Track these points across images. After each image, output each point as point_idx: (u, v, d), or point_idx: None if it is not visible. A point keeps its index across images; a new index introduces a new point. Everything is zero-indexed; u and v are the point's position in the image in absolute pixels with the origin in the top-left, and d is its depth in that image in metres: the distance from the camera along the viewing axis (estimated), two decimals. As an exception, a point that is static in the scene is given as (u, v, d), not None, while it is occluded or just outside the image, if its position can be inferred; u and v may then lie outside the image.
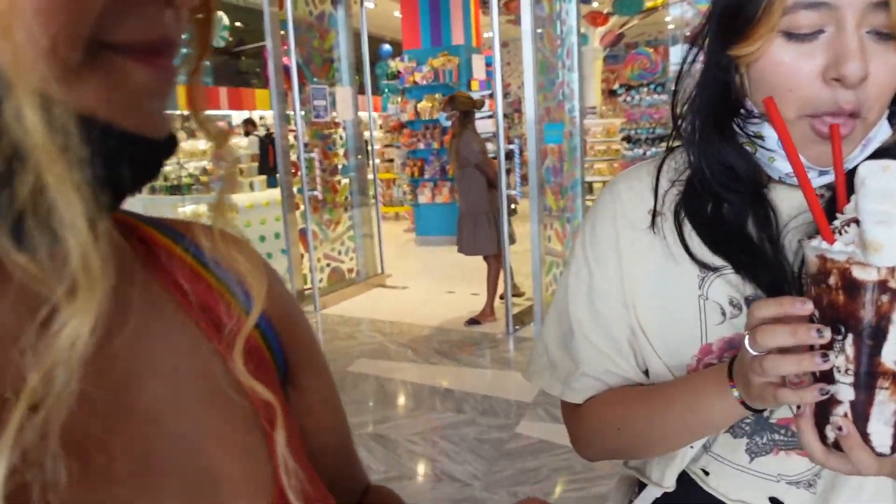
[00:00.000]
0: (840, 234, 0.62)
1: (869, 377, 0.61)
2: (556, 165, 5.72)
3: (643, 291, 0.87)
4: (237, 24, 13.55)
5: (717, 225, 0.82)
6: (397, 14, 10.39)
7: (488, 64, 8.44)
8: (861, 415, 0.62)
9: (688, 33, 7.68)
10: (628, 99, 8.69)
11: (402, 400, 4.40)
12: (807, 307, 0.63)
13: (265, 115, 12.79)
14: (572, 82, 6.04)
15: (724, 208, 0.82)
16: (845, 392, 0.62)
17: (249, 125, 11.60)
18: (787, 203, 0.81)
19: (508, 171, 5.48)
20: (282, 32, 6.19)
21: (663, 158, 0.90)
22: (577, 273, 0.92)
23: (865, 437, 0.62)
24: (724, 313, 0.82)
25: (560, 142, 5.73)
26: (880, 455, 0.62)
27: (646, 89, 8.53)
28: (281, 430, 0.45)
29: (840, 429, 0.62)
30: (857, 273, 0.60)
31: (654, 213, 0.86)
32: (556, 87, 5.78)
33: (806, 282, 0.74)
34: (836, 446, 0.64)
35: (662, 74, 8.79)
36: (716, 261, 0.81)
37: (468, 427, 3.86)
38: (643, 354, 0.88)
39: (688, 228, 0.83)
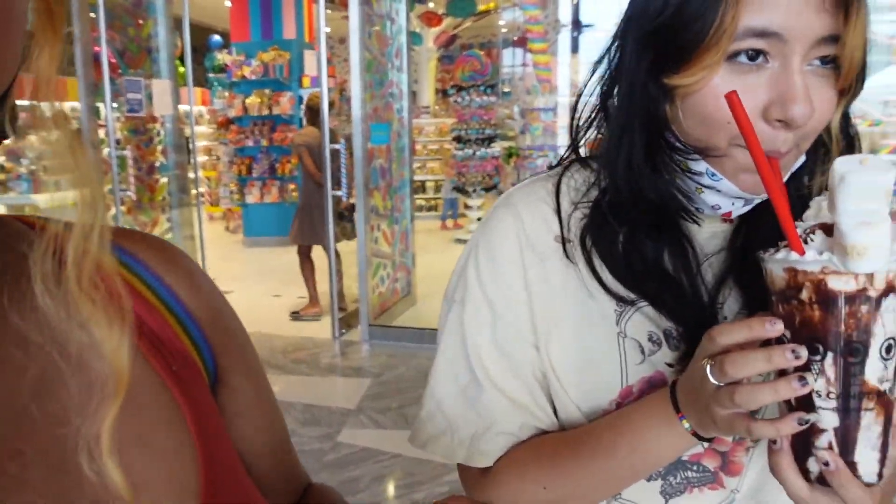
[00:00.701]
0: (806, 243, 0.57)
1: (854, 399, 0.56)
2: (384, 166, 5.68)
3: (558, 331, 0.77)
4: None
5: (631, 257, 0.75)
6: (228, 3, 9.93)
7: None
8: (847, 442, 0.57)
9: (515, 38, 7.92)
10: (459, 100, 8.86)
11: (218, 413, 4.16)
12: (777, 327, 0.58)
13: (77, 107, 11.89)
14: (401, 83, 6.03)
15: (639, 239, 0.74)
16: (828, 419, 0.57)
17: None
18: (702, 235, 0.76)
19: (336, 171, 5.41)
20: (92, 16, 5.71)
21: (560, 176, 0.81)
22: (476, 313, 0.79)
23: (852, 466, 0.57)
24: (643, 351, 0.75)
25: (386, 142, 5.70)
26: (868, 485, 0.57)
27: (476, 91, 8.71)
28: None
29: (826, 464, 0.57)
30: (834, 284, 0.55)
31: (564, 241, 0.77)
32: (384, 87, 5.73)
33: (746, 303, 0.73)
34: (821, 481, 0.58)
35: (493, 76, 9.02)
36: (632, 294, 0.75)
37: (286, 439, 3.71)
38: (553, 400, 0.80)
39: (598, 258, 0.76)
